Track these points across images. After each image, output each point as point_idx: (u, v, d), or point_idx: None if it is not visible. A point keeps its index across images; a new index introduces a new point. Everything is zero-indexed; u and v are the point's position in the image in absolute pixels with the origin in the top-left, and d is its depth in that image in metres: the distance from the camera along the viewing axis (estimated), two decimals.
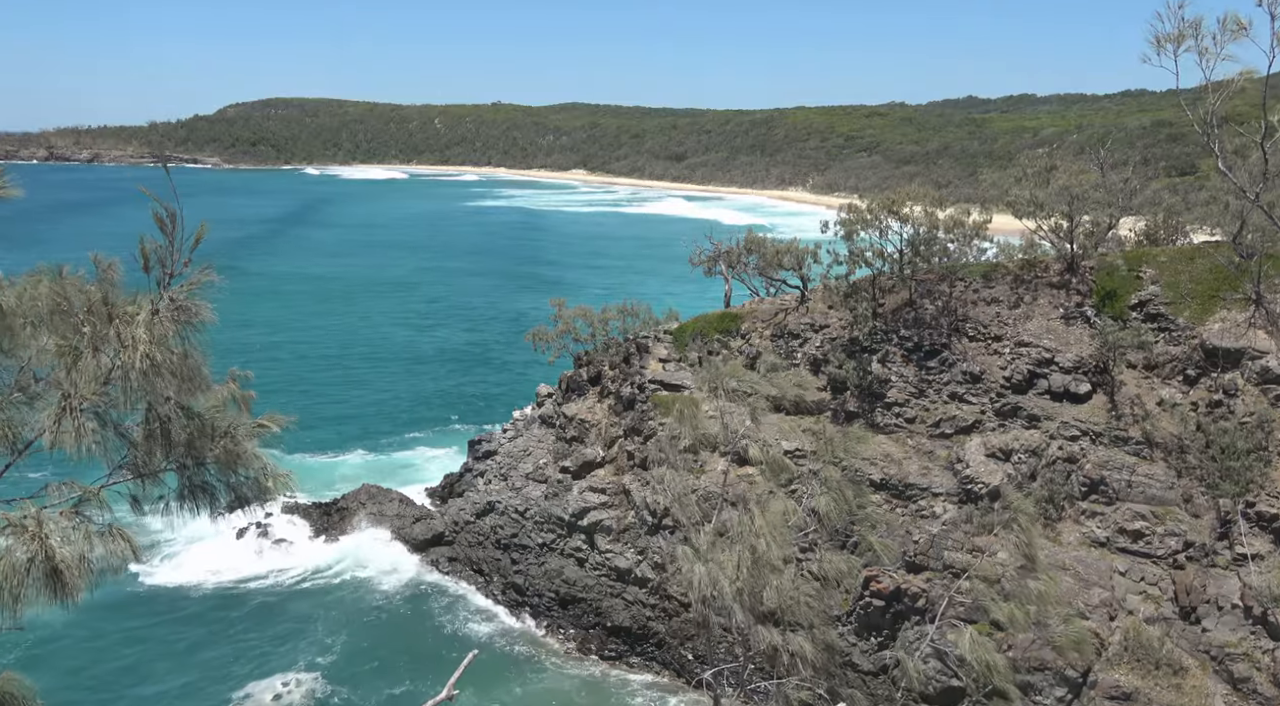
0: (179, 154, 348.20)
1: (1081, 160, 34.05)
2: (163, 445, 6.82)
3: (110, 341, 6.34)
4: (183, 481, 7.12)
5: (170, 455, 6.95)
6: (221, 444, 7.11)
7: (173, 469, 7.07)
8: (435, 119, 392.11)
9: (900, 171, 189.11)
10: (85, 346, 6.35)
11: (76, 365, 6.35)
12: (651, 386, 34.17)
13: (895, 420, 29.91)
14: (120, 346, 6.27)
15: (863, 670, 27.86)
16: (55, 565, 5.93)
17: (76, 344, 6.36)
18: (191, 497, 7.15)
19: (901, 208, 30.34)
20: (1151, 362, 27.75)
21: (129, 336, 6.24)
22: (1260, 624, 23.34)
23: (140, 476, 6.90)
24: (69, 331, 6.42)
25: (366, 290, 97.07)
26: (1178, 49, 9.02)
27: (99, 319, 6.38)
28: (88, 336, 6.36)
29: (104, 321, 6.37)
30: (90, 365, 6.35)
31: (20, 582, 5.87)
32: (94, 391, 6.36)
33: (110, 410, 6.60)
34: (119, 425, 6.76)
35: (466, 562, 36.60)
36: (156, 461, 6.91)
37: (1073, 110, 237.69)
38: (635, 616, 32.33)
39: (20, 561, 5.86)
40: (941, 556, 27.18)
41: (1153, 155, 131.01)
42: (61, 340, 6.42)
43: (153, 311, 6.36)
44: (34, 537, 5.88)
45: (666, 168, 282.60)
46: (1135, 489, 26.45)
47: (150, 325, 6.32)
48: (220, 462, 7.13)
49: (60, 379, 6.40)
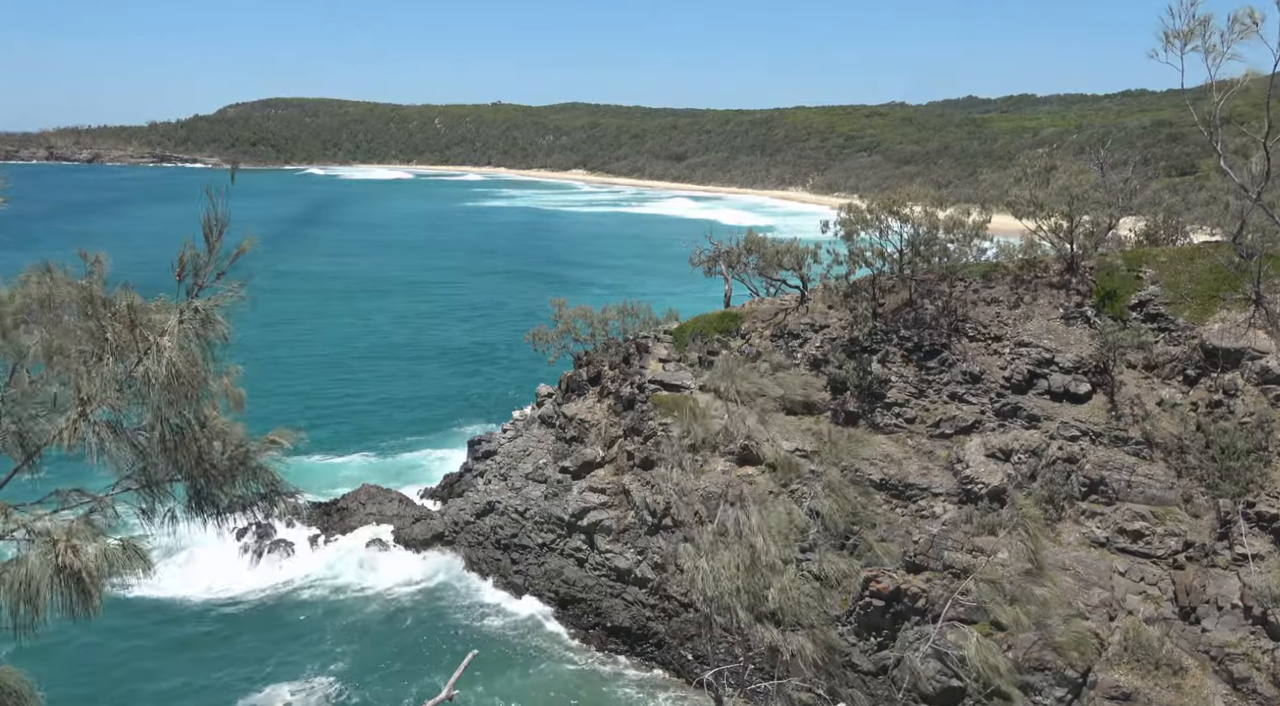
0: (179, 154, 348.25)
1: (1081, 160, 34.06)
2: (174, 455, 6.77)
3: (133, 347, 6.27)
4: (190, 493, 7.07)
5: (180, 466, 6.89)
6: (230, 456, 7.08)
7: (180, 479, 7.02)
8: (435, 119, 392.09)
9: (900, 171, 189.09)
10: (107, 351, 6.29)
11: (96, 369, 6.29)
12: (651, 386, 34.16)
13: (895, 420, 29.91)
14: (144, 353, 6.20)
15: (863, 670, 27.86)
16: (79, 576, 5.88)
17: (97, 348, 6.30)
18: (199, 510, 7.11)
19: (901, 208, 30.35)
20: (1151, 363, 27.75)
21: (156, 344, 6.18)
22: (1260, 624, 23.34)
23: (149, 486, 6.84)
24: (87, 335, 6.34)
25: (369, 289, 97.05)
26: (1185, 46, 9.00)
27: (121, 323, 6.31)
28: (110, 341, 6.29)
29: (127, 326, 6.31)
30: (110, 370, 6.30)
31: (45, 591, 5.81)
32: (113, 397, 6.30)
33: (125, 416, 6.55)
34: (131, 433, 6.72)
35: (466, 562, 36.59)
36: (166, 471, 6.86)
37: (1073, 110, 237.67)
38: (635, 616, 32.33)
39: (45, 571, 5.80)
40: (941, 556, 27.17)
41: (1153, 155, 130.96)
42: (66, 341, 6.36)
43: (179, 321, 6.31)
44: (66, 547, 5.81)
45: (666, 168, 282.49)
46: (1135, 489, 26.45)
47: (177, 335, 6.27)
48: (229, 476, 7.08)
49: (79, 383, 6.34)
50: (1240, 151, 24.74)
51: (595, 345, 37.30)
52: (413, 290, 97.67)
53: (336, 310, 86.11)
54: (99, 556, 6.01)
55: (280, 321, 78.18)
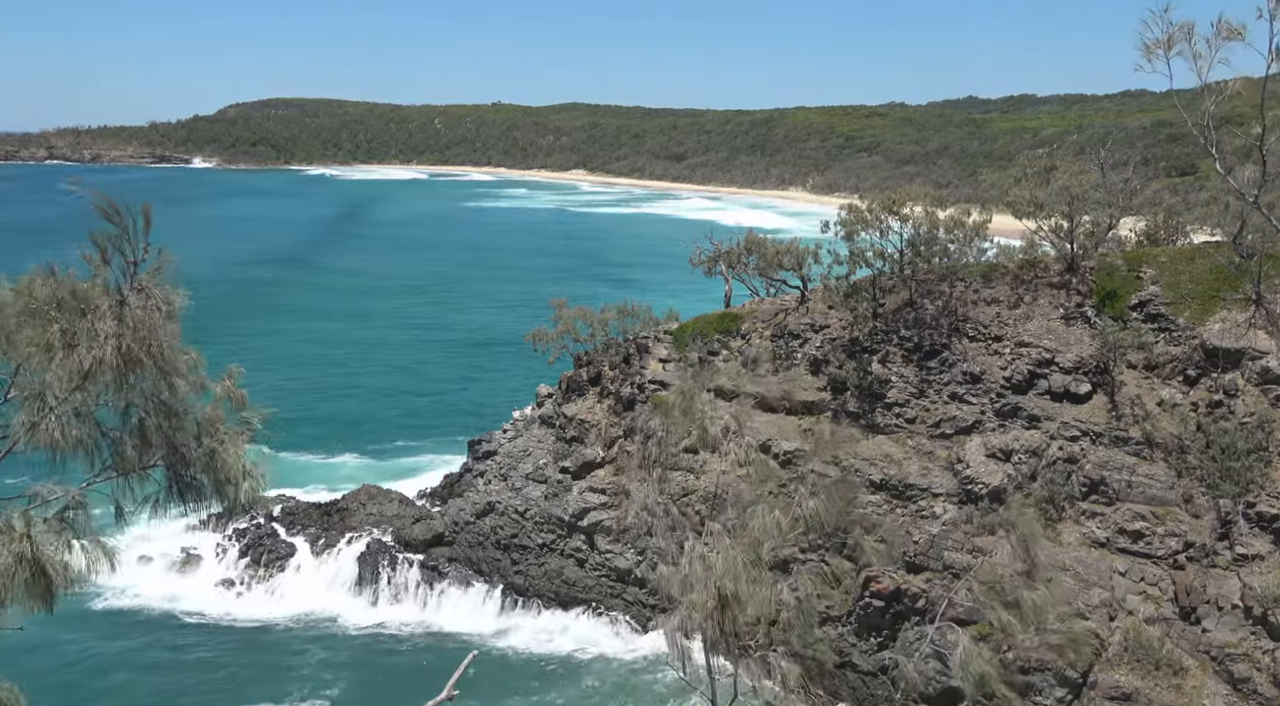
0: (179, 154, 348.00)
1: (1081, 160, 34.05)
2: (141, 442, 6.70)
3: (84, 336, 6.19)
4: (170, 480, 7.00)
5: (150, 453, 6.82)
6: (205, 442, 7.00)
7: (155, 466, 6.95)
8: (435, 119, 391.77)
9: (900, 171, 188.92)
10: (58, 343, 6.21)
11: (51, 363, 6.22)
12: (651, 386, 34.16)
13: (895, 420, 29.90)
14: (94, 341, 6.12)
15: (862, 670, 27.87)
16: (42, 567, 5.85)
17: (49, 341, 6.22)
18: (178, 497, 7.04)
19: (902, 208, 30.35)
20: (1152, 363, 27.73)
21: (98, 329, 6.11)
22: (1260, 624, 23.33)
23: (123, 475, 6.77)
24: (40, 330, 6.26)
25: (373, 289, 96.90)
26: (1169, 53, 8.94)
27: (70, 313, 6.25)
28: (57, 332, 6.21)
29: (76, 315, 6.24)
30: (65, 362, 6.21)
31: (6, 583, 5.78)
32: (71, 388, 6.21)
33: (91, 407, 6.47)
34: (101, 424, 6.64)
35: (466, 563, 36.56)
36: (137, 459, 6.78)
37: (1073, 110, 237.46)
38: (635, 616, 32.36)
39: (7, 562, 5.76)
40: (941, 557, 27.17)
41: (1153, 155, 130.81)
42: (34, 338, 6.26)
43: (119, 301, 6.23)
44: (21, 538, 5.79)
45: (666, 168, 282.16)
46: (1135, 489, 26.44)
47: (120, 316, 6.18)
48: (200, 461, 6.99)
49: (37, 379, 6.27)
50: (1241, 151, 24.72)
51: (595, 345, 37.28)
52: (421, 291, 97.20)
53: (336, 310, 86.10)
54: (60, 549, 5.96)
55: (283, 319, 78.25)
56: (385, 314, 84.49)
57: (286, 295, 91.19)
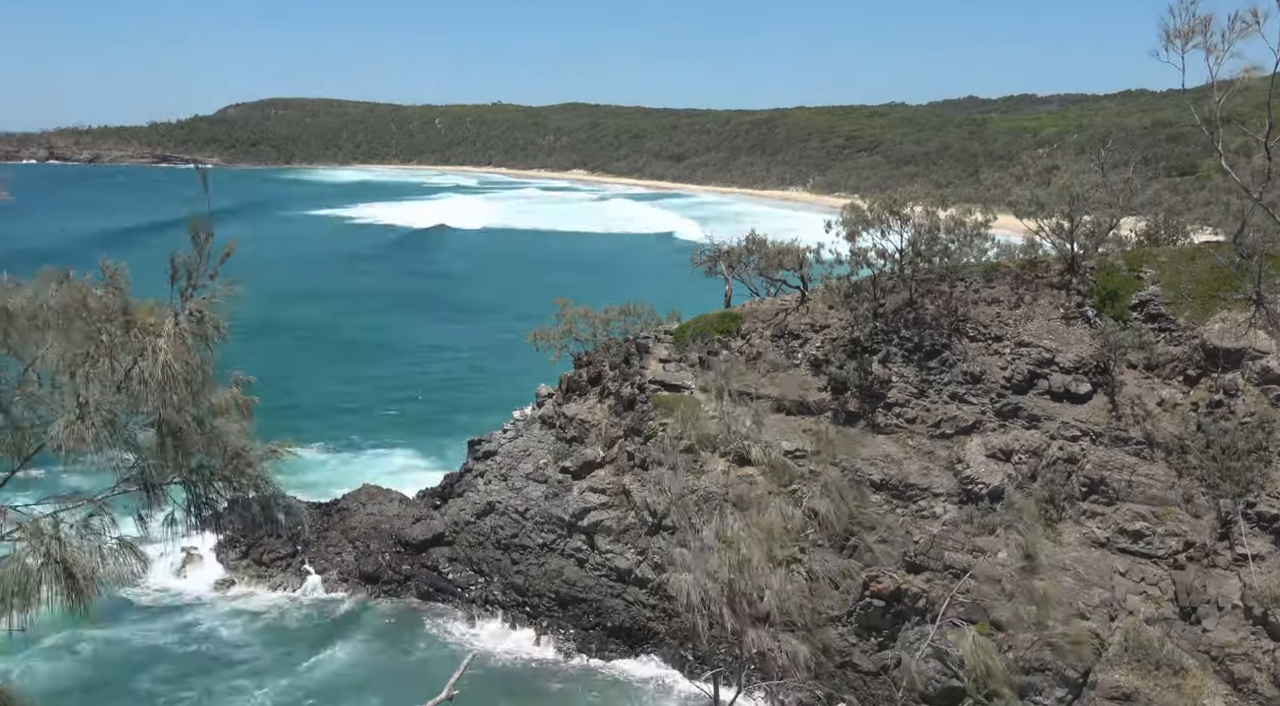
0: (179, 154, 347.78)
1: (1082, 160, 34.05)
2: (174, 457, 6.78)
3: (129, 348, 6.31)
4: (189, 496, 7.07)
5: (180, 468, 6.90)
6: (232, 463, 7.08)
7: (179, 482, 7.02)
8: (435, 119, 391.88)
9: (900, 171, 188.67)
10: (103, 353, 6.31)
11: (93, 371, 6.30)
12: (652, 386, 34.15)
13: (896, 420, 29.89)
14: (139, 355, 6.23)
15: (863, 670, 27.86)
16: (69, 568, 5.90)
17: (93, 350, 6.32)
18: (197, 513, 7.11)
19: (903, 208, 30.33)
20: (1152, 363, 27.72)
21: (151, 345, 6.21)
22: (1261, 624, 23.32)
23: (148, 488, 6.85)
24: (82, 336, 6.37)
25: (376, 290, 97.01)
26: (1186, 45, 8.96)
27: (116, 326, 6.34)
28: (105, 343, 6.31)
29: (122, 329, 6.34)
30: (106, 371, 6.32)
31: (34, 583, 5.85)
32: (111, 398, 6.31)
33: (123, 417, 6.57)
34: (129, 435, 6.72)
35: (466, 563, 36.55)
36: (165, 473, 6.86)
37: (1073, 110, 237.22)
38: (635, 617, 32.34)
39: (33, 564, 5.83)
40: (942, 557, 27.17)
41: (1153, 155, 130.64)
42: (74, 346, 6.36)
43: (175, 322, 6.34)
44: (50, 539, 5.85)
45: (667, 168, 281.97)
46: (1135, 489, 26.43)
47: (173, 336, 6.29)
48: (228, 481, 7.09)
49: (76, 385, 6.34)
50: (1241, 151, 24.74)
51: (596, 345, 37.25)
52: (427, 293, 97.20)
53: (340, 308, 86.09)
54: (92, 553, 6.03)
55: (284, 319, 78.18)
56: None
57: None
